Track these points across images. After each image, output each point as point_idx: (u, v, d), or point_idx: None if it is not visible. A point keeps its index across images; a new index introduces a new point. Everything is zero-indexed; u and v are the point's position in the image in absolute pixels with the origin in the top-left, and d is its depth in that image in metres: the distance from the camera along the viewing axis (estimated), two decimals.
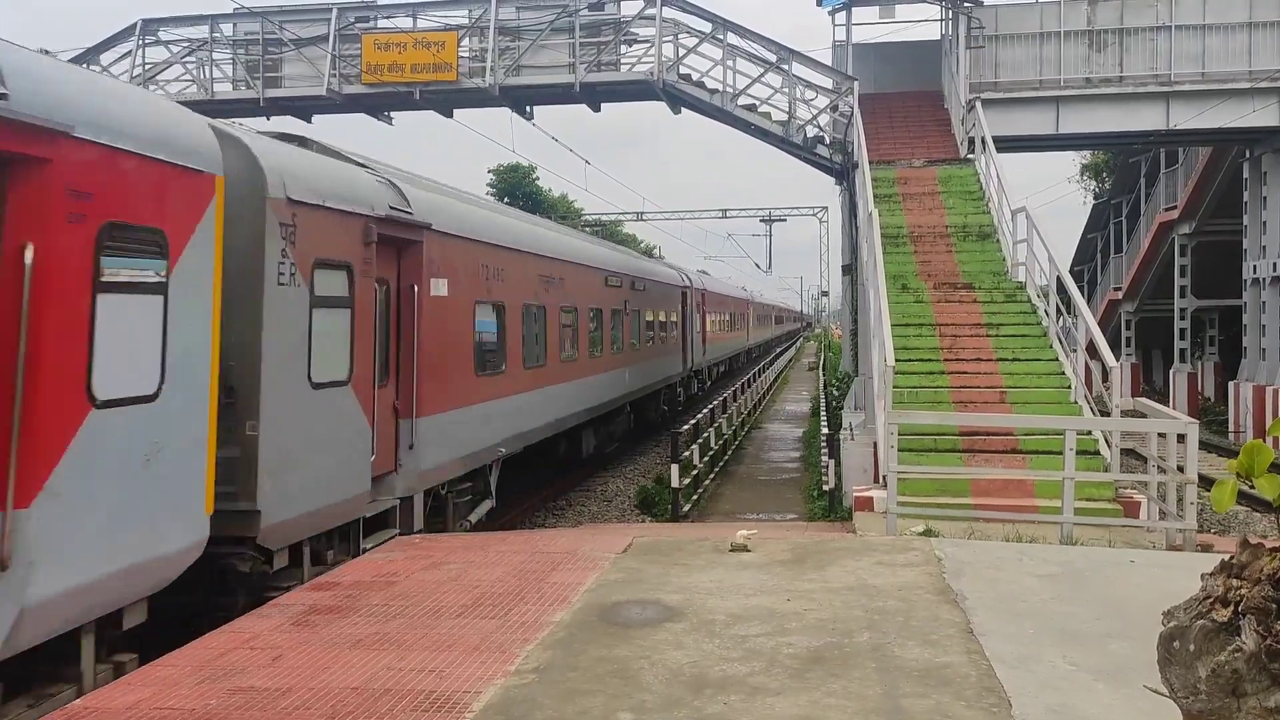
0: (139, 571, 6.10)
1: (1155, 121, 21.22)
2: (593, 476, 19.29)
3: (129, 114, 6.21)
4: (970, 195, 18.08)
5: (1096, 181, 42.79)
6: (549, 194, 60.07)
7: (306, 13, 22.45)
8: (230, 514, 7.21)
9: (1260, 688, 1.67)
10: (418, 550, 8.83)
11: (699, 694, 5.13)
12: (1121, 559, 8.16)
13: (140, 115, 6.34)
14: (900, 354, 12.47)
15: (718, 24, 20.89)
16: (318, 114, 23.96)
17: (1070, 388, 12.38)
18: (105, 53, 23.07)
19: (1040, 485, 10.45)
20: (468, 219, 12.29)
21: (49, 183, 5.46)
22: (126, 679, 5.58)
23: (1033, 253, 14.76)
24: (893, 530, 9.43)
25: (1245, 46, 21.00)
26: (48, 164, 5.45)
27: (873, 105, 21.77)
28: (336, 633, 6.32)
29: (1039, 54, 21.58)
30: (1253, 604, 1.72)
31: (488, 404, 12.44)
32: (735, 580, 7.46)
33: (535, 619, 6.50)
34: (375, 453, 9.39)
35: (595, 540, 9.19)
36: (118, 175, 5.98)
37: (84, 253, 5.69)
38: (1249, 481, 1.81)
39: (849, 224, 22.12)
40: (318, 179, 8.61)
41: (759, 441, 24.91)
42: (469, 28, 21.85)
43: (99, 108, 5.92)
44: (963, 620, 6.37)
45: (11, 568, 5.17)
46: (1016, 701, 5.00)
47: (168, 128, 6.52)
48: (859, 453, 12.88)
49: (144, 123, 6.30)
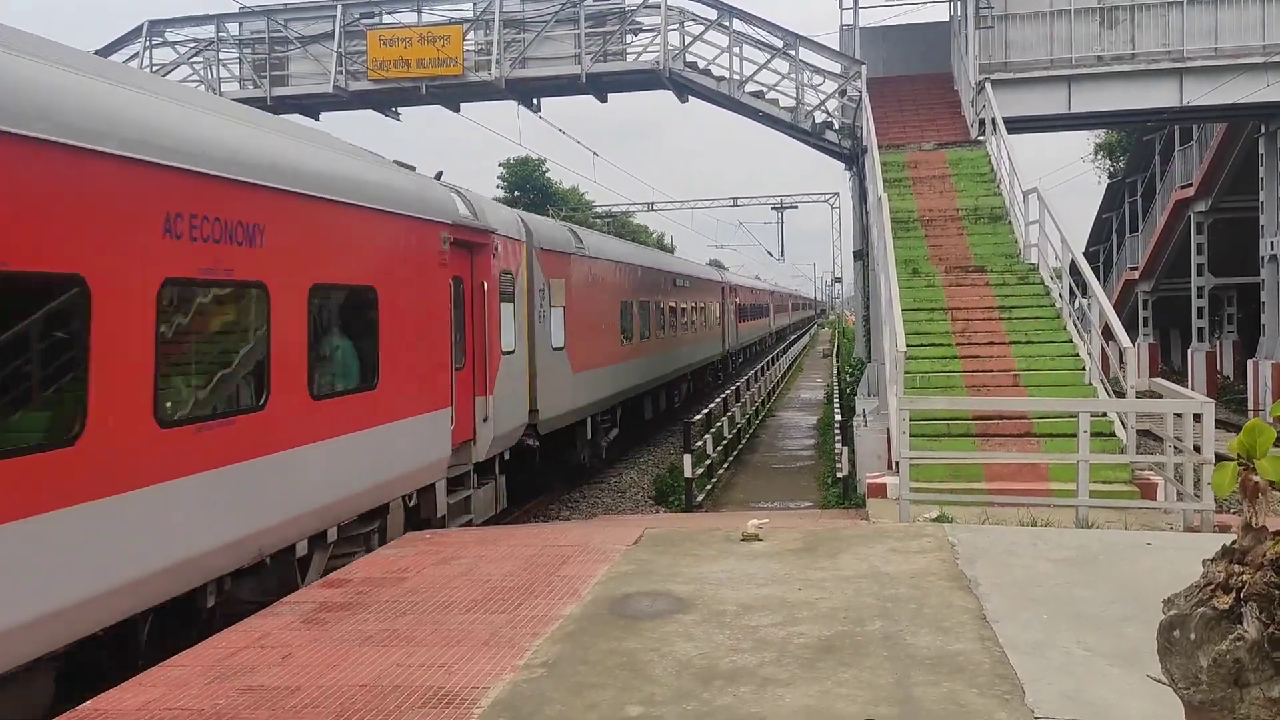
0: (516, 429, 12.88)
1: (1169, 98, 20.96)
2: (608, 468, 19.29)
3: (506, 221, 12.91)
4: (981, 177, 17.93)
5: (1110, 161, 42.41)
6: (559, 186, 60.01)
7: (311, 10, 22.46)
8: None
9: (1264, 677, 1.61)
10: (428, 546, 8.82)
11: (709, 685, 5.10)
12: (1138, 541, 8.07)
13: (509, 219, 13.21)
14: (912, 339, 12.38)
15: (723, 11, 20.76)
16: (325, 111, 24.01)
17: (1085, 370, 12.26)
18: (112, 55, 23.13)
19: (1054, 469, 10.36)
20: (604, 246, 19.86)
21: (489, 253, 11.89)
22: (137, 679, 5.58)
23: (1045, 234, 14.63)
24: (906, 517, 9.36)
25: (1259, 20, 20.71)
26: (489, 245, 11.86)
27: (881, 89, 21.60)
28: (346, 630, 6.31)
29: (1049, 33, 21.34)
30: (1255, 590, 1.66)
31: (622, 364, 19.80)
32: (746, 570, 7.41)
33: (545, 613, 6.48)
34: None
35: (606, 532, 9.17)
36: (506, 248, 12.61)
37: (496, 284, 12.06)
38: (1249, 463, 1.76)
39: (859, 209, 21.95)
40: (498, 215, 13.22)
41: (773, 429, 24.84)
42: (473, 21, 21.81)
43: (503, 220, 12.74)
44: (976, 607, 6.30)
45: (488, 420, 11.59)
46: (1030, 688, 4.94)
47: (514, 223, 13.35)
48: (872, 439, 12.81)
49: (510, 223, 13.12)
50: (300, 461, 7.78)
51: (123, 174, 6.07)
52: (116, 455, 5.93)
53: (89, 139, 5.79)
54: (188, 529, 6.54)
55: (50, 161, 5.54)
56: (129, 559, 6.04)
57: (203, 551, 6.71)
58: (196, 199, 6.68)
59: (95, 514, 5.74)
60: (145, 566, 6.17)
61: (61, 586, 5.55)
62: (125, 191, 6.11)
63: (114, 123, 6.05)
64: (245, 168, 7.22)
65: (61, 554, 5.54)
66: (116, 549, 5.95)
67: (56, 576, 5.51)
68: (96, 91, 6.13)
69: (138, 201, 6.21)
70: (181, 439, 6.49)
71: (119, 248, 6.02)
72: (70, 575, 5.61)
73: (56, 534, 5.49)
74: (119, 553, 5.97)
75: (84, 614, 5.75)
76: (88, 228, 5.78)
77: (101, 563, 5.83)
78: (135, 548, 6.10)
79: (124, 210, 6.08)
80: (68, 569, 5.59)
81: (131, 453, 6.05)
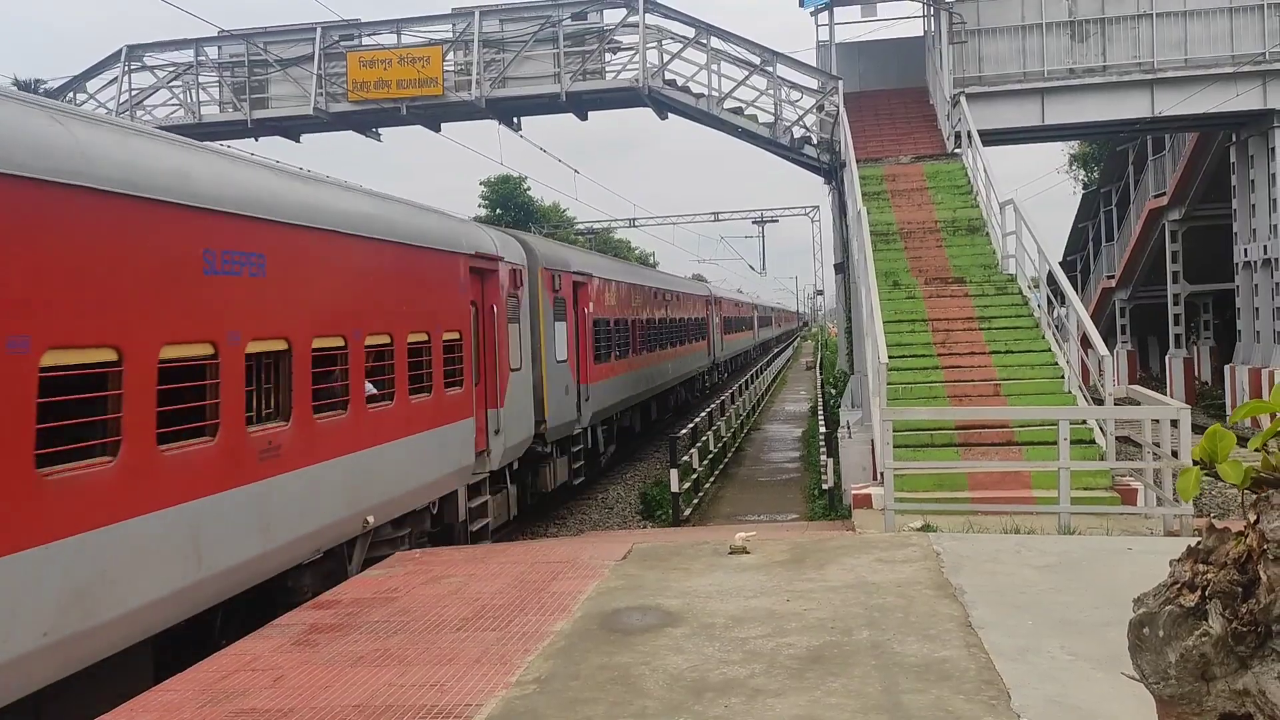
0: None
1: (1140, 109, 21.28)
2: (594, 484, 19.31)
3: (511, 248, 13.73)
4: (958, 190, 18.14)
5: (1085, 171, 42.88)
6: (540, 204, 60.10)
7: (291, 33, 22.53)
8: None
9: (1229, 670, 1.70)
10: (418, 565, 8.85)
11: (700, 698, 5.15)
12: (1119, 547, 8.18)
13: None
14: (894, 350, 12.51)
15: (700, 29, 20.96)
16: (306, 133, 24.04)
17: (1064, 378, 12.41)
18: (91, 80, 23.14)
19: (1037, 476, 10.48)
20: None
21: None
22: (129, 705, 5.59)
23: (1022, 245, 14.81)
24: (891, 526, 9.45)
25: (1227, 31, 21.07)
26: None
27: (859, 104, 21.84)
28: (338, 651, 6.33)
29: (1022, 46, 21.65)
30: (1219, 588, 1.75)
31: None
32: (735, 583, 7.47)
33: (536, 629, 6.52)
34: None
35: (595, 548, 9.21)
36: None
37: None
38: (1212, 468, 1.84)
39: (839, 222, 22.16)
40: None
41: (759, 443, 24.93)
42: (453, 42, 21.92)
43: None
44: (962, 614, 6.39)
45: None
46: (1016, 693, 5.02)
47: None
48: (857, 450, 12.91)
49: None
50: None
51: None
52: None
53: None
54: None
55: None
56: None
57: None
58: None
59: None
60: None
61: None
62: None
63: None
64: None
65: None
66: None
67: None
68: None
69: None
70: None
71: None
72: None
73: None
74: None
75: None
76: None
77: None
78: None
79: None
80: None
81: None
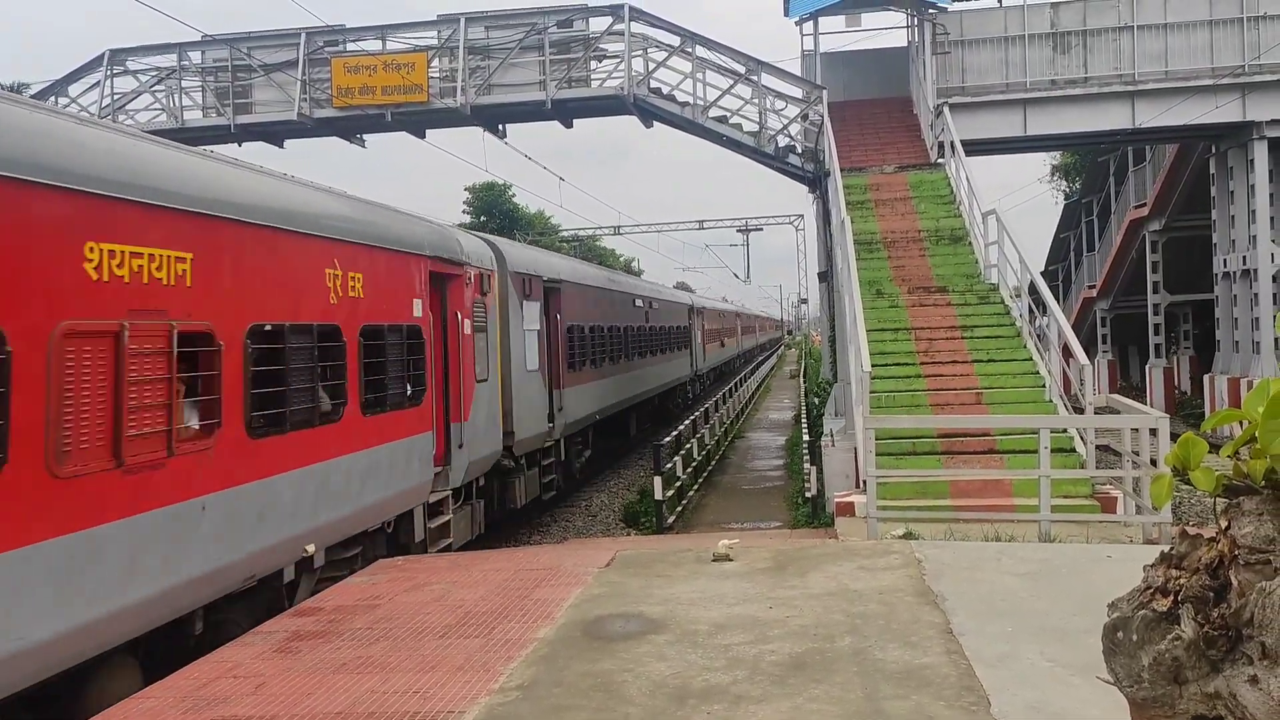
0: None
1: (1121, 121, 21.51)
2: (576, 492, 19.31)
3: (479, 252, 13.04)
4: (941, 199, 18.26)
5: (1067, 181, 43.22)
6: (525, 211, 60.09)
7: (275, 38, 22.48)
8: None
9: (1200, 674, 1.73)
10: (400, 572, 8.82)
11: (682, 705, 5.16)
12: (1099, 554, 8.24)
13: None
14: (877, 359, 12.58)
15: (685, 37, 21.05)
16: (290, 139, 23.97)
17: (1045, 387, 12.51)
18: (73, 84, 23.02)
19: (1018, 484, 10.55)
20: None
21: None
22: (108, 713, 5.55)
23: (1004, 254, 14.94)
24: (874, 534, 9.49)
25: (1207, 44, 21.33)
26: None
27: (843, 113, 21.97)
28: (320, 658, 6.31)
29: (1004, 57, 21.85)
30: (1191, 593, 1.78)
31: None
32: (717, 590, 7.49)
33: (519, 636, 6.51)
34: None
35: (578, 555, 9.21)
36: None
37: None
38: (1184, 476, 1.88)
39: (823, 231, 22.27)
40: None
41: (742, 450, 24.98)
42: (438, 48, 21.93)
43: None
44: (943, 621, 6.42)
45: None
46: (995, 699, 5.05)
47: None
48: (840, 458, 12.96)
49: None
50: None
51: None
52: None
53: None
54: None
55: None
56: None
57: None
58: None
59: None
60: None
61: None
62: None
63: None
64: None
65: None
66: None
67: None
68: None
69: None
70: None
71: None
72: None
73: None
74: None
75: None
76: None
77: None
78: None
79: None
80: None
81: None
